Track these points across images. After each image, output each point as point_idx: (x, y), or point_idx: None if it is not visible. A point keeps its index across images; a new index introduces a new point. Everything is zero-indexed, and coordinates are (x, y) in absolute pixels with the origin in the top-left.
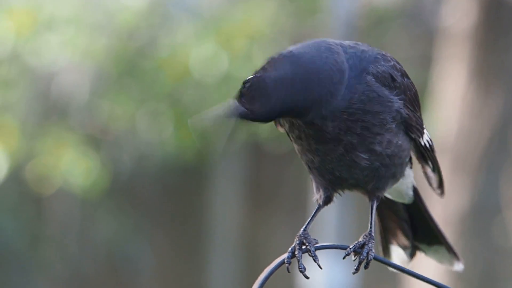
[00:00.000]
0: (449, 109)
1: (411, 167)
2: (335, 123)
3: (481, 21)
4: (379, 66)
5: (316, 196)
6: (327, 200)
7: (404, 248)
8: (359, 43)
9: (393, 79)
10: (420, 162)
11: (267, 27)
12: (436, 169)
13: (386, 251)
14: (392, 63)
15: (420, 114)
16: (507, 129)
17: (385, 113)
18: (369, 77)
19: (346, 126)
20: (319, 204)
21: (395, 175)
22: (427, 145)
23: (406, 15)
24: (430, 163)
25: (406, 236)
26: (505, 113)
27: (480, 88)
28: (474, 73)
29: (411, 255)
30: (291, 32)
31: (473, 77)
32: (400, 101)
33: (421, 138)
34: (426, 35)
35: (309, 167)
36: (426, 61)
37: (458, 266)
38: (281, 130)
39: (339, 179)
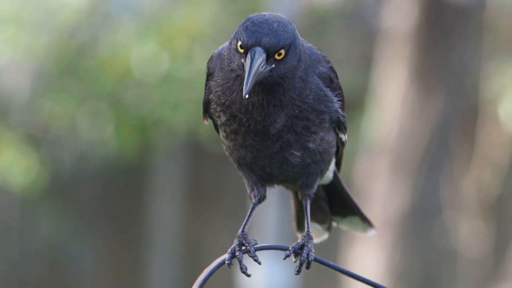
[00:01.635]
0: (390, 110)
1: None
2: (285, 119)
3: (422, 22)
4: (320, 67)
5: (250, 194)
6: (261, 198)
7: (321, 222)
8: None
9: (331, 80)
10: None
11: (208, 27)
12: (339, 154)
13: (301, 226)
14: (330, 65)
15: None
16: (447, 130)
17: (326, 113)
18: (315, 77)
19: (291, 123)
20: (254, 203)
21: (323, 171)
22: (343, 139)
23: (347, 16)
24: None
25: (324, 212)
26: (446, 114)
27: (420, 89)
28: (415, 74)
29: (328, 228)
30: (232, 32)
31: (413, 78)
32: (339, 102)
33: (344, 135)
34: (367, 36)
35: (240, 164)
36: (367, 62)
37: (371, 232)
38: (207, 122)
39: (269, 175)
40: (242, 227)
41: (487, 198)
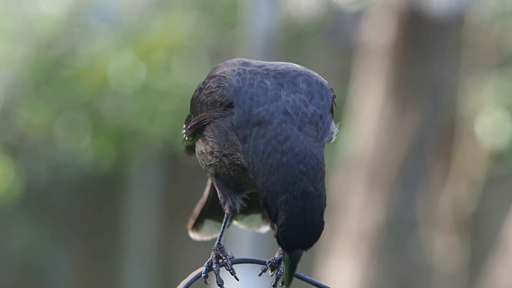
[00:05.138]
0: (367, 125)
1: None
2: None
3: (400, 37)
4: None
5: (224, 205)
6: (236, 208)
7: (220, 220)
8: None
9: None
10: None
11: (186, 39)
12: None
13: (199, 225)
14: (333, 94)
15: None
16: (423, 145)
17: None
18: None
19: None
20: (228, 213)
21: None
22: None
23: (326, 29)
24: None
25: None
26: (422, 129)
27: (397, 104)
28: (392, 88)
29: (228, 225)
30: (210, 45)
31: (391, 92)
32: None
33: None
34: (345, 50)
35: (216, 175)
36: (345, 76)
37: (264, 229)
38: (190, 141)
39: (244, 189)
40: (218, 240)
41: (462, 214)
